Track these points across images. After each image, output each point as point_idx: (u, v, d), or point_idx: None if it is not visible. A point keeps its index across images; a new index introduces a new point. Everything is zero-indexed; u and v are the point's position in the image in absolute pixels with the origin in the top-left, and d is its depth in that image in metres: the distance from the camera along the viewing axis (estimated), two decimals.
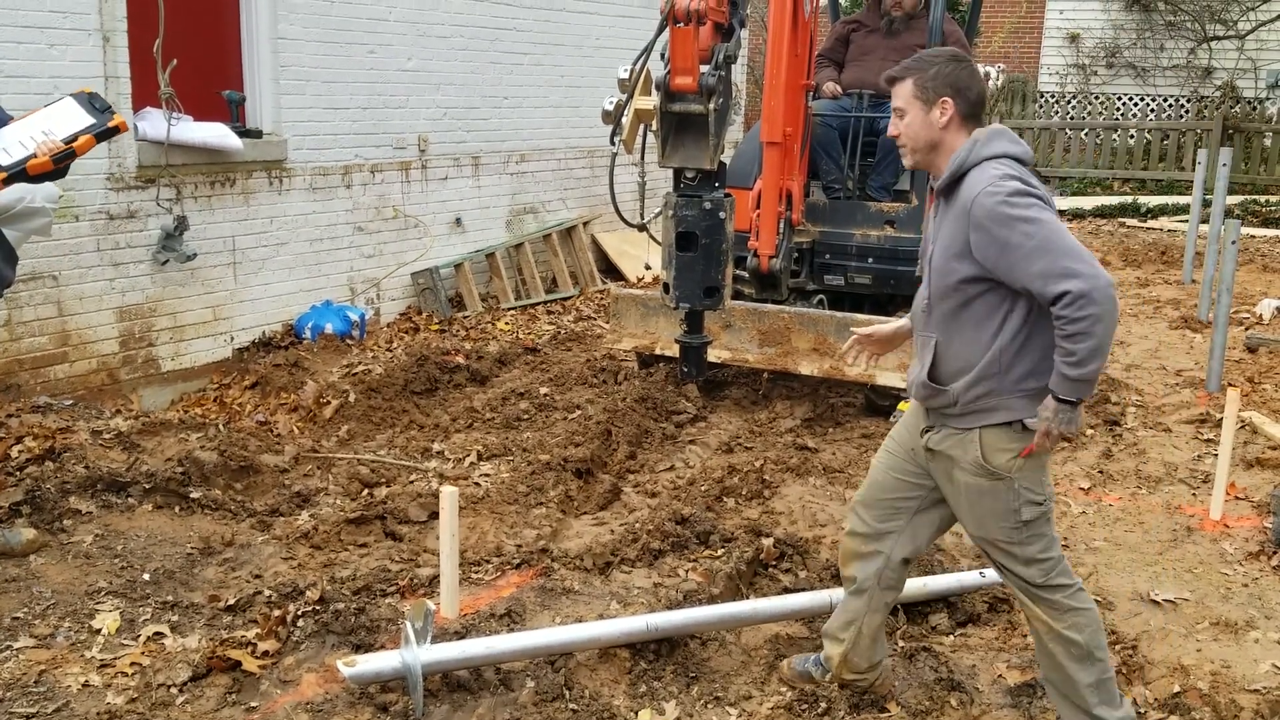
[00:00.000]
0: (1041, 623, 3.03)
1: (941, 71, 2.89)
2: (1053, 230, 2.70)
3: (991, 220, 2.73)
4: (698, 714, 3.35)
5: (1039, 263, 2.69)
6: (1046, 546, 3.00)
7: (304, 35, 7.17)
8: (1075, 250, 2.69)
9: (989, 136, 2.88)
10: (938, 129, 2.90)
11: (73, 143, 4.01)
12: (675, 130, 4.80)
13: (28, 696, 3.29)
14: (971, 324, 2.87)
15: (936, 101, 2.89)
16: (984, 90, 2.96)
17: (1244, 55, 15.99)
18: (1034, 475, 2.93)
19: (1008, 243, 2.72)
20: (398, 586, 4.00)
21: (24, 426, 5.14)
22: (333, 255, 7.64)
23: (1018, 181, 2.76)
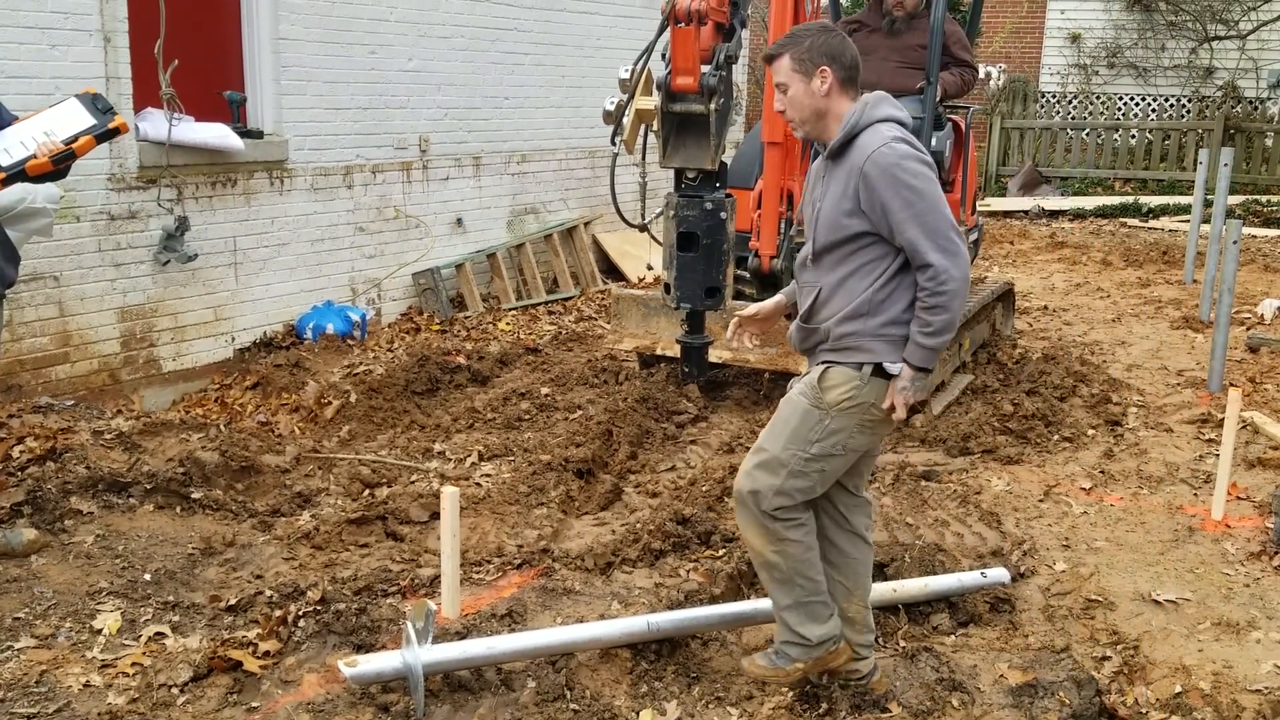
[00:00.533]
0: (754, 549, 3.20)
1: (815, 43, 3.02)
2: (933, 201, 2.89)
3: (882, 179, 2.91)
4: (699, 714, 3.35)
5: (914, 229, 2.89)
6: (803, 488, 3.11)
7: (305, 36, 7.17)
8: (948, 226, 2.89)
9: (876, 100, 3.05)
10: (820, 97, 3.04)
11: (72, 144, 4.01)
12: (676, 130, 4.81)
13: (29, 697, 3.29)
14: (851, 273, 3.04)
15: (815, 71, 3.02)
16: (856, 56, 3.08)
17: (1245, 55, 15.97)
18: (845, 424, 3.06)
19: (890, 204, 2.91)
20: (399, 587, 4.00)
21: (25, 427, 5.14)
22: (334, 256, 7.64)
23: (909, 146, 2.94)
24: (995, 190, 15.68)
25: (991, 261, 11.17)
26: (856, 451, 3.14)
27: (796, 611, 3.20)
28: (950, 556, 4.31)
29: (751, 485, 3.13)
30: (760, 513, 3.11)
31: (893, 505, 4.89)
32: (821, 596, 3.21)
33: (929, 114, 6.36)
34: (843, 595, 3.33)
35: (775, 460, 3.10)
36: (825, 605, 3.23)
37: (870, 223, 2.97)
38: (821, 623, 3.21)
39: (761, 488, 3.10)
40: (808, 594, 3.18)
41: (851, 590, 3.35)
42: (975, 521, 4.76)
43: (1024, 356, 7.13)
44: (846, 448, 3.08)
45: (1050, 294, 9.71)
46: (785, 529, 3.12)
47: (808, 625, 3.20)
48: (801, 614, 3.20)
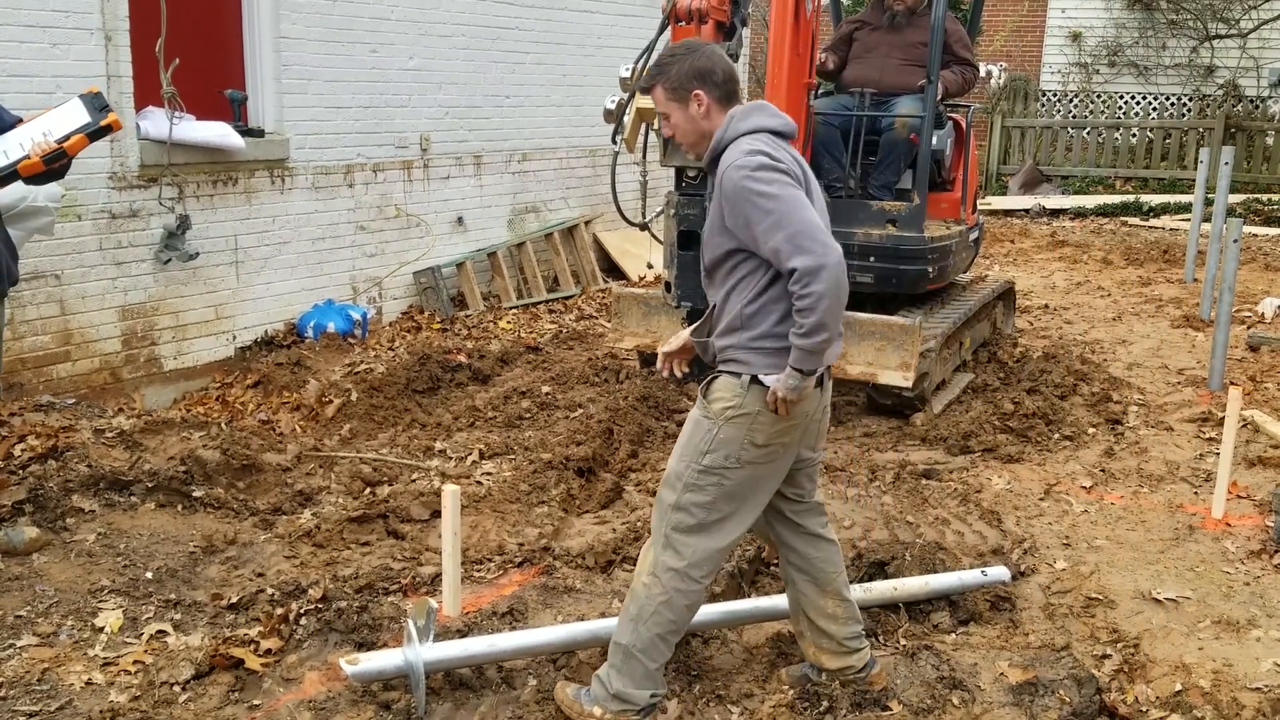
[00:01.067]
0: (640, 568, 3.13)
1: (683, 69, 3.00)
2: (790, 206, 2.84)
3: (737, 194, 2.89)
4: (699, 712, 3.35)
5: (774, 237, 2.84)
6: (700, 510, 3.03)
7: (306, 34, 7.17)
8: (808, 228, 2.83)
9: (745, 113, 3.00)
10: (700, 121, 3.03)
11: (64, 143, 4.02)
12: None
13: (31, 694, 3.30)
14: (733, 289, 3.03)
15: (689, 96, 3.00)
16: (729, 68, 3.04)
17: (1246, 54, 15.96)
18: (734, 434, 3.00)
19: (749, 216, 2.88)
20: (400, 585, 4.01)
21: (27, 425, 5.14)
22: (335, 254, 7.65)
23: (763, 156, 2.89)
24: (996, 189, 15.68)
25: (992, 260, 11.17)
26: (756, 464, 3.03)
27: (623, 655, 3.10)
28: (951, 555, 4.31)
29: (656, 504, 3.13)
30: (661, 535, 3.06)
31: (893, 504, 4.90)
32: (652, 666, 3.10)
33: (929, 112, 6.36)
34: (816, 595, 3.31)
35: (673, 474, 3.08)
36: (650, 679, 3.11)
37: (738, 240, 2.94)
38: (636, 687, 3.10)
39: (663, 505, 3.08)
40: (642, 651, 3.08)
41: (823, 588, 3.31)
42: (976, 520, 4.76)
43: (1025, 355, 7.14)
44: (741, 460, 3.00)
45: (1051, 293, 9.71)
46: (671, 562, 3.03)
47: (623, 678, 3.11)
48: (623, 660, 3.10)
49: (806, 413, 3.04)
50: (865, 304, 6.51)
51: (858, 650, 3.37)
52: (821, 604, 3.32)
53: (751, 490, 3.08)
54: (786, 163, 2.93)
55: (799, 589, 3.34)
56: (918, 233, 6.34)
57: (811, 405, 3.06)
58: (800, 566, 3.32)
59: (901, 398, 5.96)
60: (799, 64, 5.70)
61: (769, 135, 2.98)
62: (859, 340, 5.73)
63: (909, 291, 6.52)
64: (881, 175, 6.63)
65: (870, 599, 3.87)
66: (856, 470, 5.29)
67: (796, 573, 3.33)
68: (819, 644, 3.36)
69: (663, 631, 3.08)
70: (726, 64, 3.04)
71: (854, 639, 3.36)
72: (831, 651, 3.35)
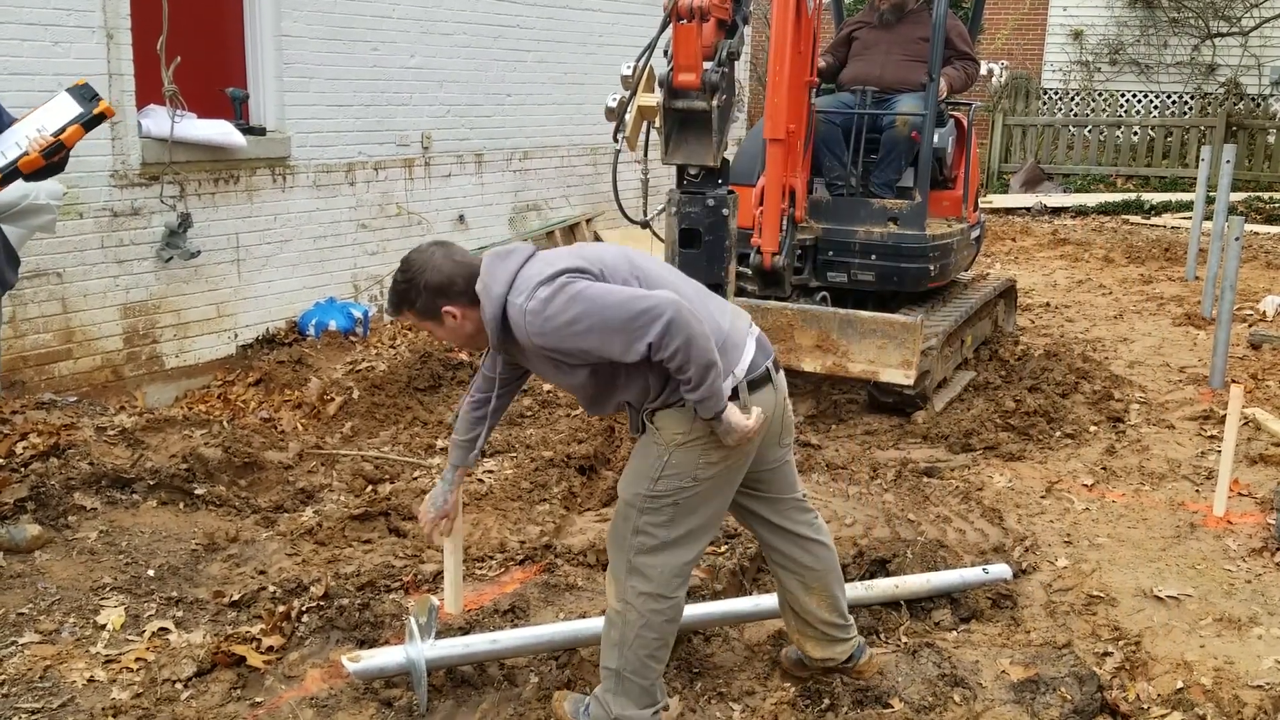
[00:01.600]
0: (610, 595, 3.05)
1: (419, 293, 2.83)
2: (598, 314, 2.66)
3: (550, 340, 2.72)
4: (701, 709, 3.35)
5: (609, 347, 2.69)
6: (661, 530, 2.94)
7: (307, 32, 7.17)
8: (627, 312, 2.65)
9: (489, 279, 2.79)
10: (465, 326, 2.87)
11: (60, 135, 4.02)
12: (679, 127, 4.80)
13: (33, 692, 3.30)
14: (620, 385, 2.88)
15: (441, 314, 2.85)
16: (462, 266, 2.83)
17: (1248, 52, 15.95)
18: (688, 458, 2.88)
19: (579, 346, 2.72)
20: (402, 582, 4.01)
21: (29, 423, 5.14)
22: (336, 252, 7.65)
23: (537, 298, 2.69)
24: (997, 187, 15.68)
25: (994, 258, 11.16)
26: (713, 478, 2.93)
27: (616, 679, 3.04)
28: (952, 553, 4.31)
29: (611, 533, 3.06)
30: (625, 562, 2.99)
31: (894, 501, 4.90)
32: (646, 683, 3.04)
33: (931, 110, 6.36)
34: (801, 593, 3.28)
35: (625, 502, 3.00)
36: (648, 694, 3.05)
37: (588, 359, 2.79)
38: (637, 706, 3.05)
39: (619, 533, 3.01)
40: (634, 672, 3.02)
41: (808, 586, 3.27)
42: (977, 518, 4.76)
43: (1026, 353, 7.13)
44: (698, 479, 2.90)
45: (1052, 291, 9.71)
46: (641, 586, 2.96)
47: (620, 699, 3.04)
48: (616, 683, 3.04)
49: (765, 416, 2.93)
50: (867, 302, 6.52)
51: (843, 640, 3.34)
52: (805, 601, 3.29)
53: (711, 501, 2.98)
54: (552, 269, 2.73)
55: (784, 585, 3.32)
56: (919, 231, 6.34)
57: (767, 408, 2.94)
58: (785, 566, 3.28)
59: (903, 396, 5.96)
60: (800, 62, 5.69)
61: (517, 275, 2.77)
62: (860, 338, 5.73)
63: (910, 289, 6.52)
64: (883, 173, 6.63)
65: (872, 596, 3.87)
66: (858, 468, 5.29)
67: (781, 571, 3.30)
68: (802, 631, 3.35)
69: (649, 651, 3.02)
70: (460, 266, 2.83)
71: (837, 629, 3.33)
72: (814, 639, 3.34)
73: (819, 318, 5.87)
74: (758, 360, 2.95)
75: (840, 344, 5.77)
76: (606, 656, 3.07)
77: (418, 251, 2.87)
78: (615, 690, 3.05)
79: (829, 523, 4.54)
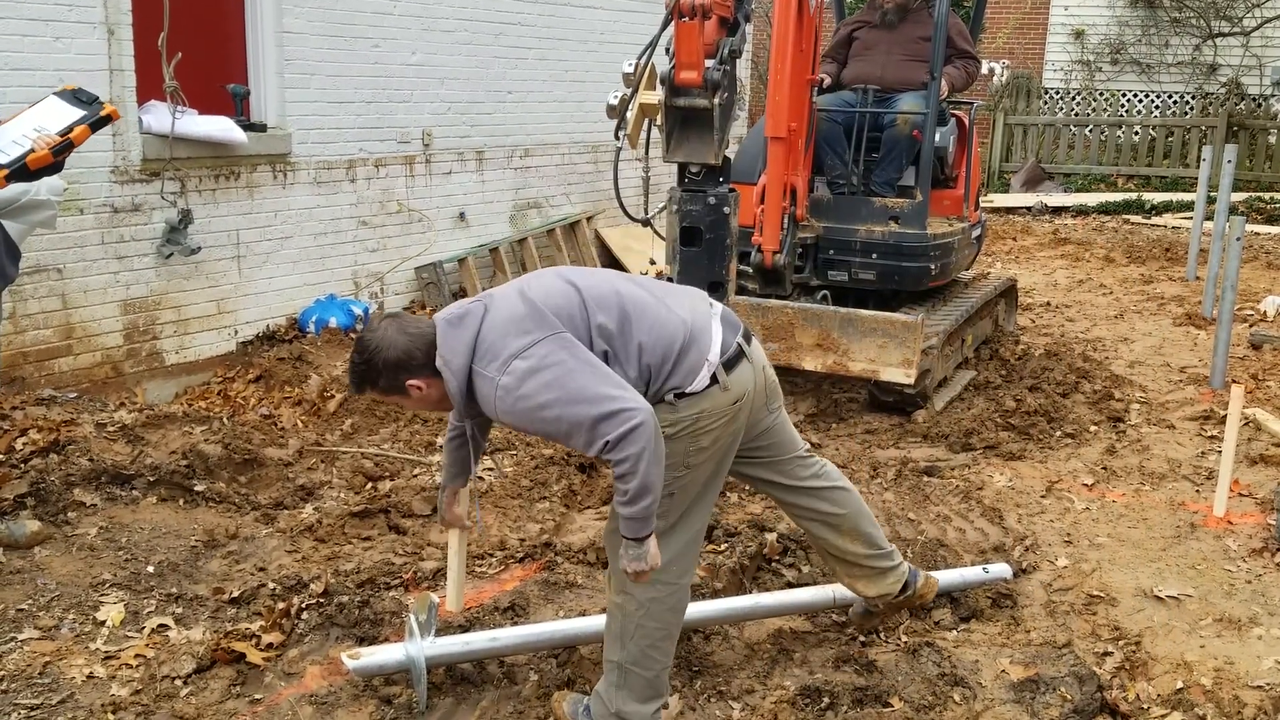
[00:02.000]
0: (610, 588, 3.08)
1: (375, 373, 2.82)
2: (570, 399, 2.63)
3: (519, 421, 2.73)
4: (700, 707, 3.35)
5: (577, 438, 2.68)
6: (659, 515, 2.88)
7: (309, 29, 7.16)
8: (598, 406, 2.62)
9: (448, 351, 2.76)
10: (430, 394, 2.86)
11: (68, 134, 4.02)
12: (680, 125, 4.79)
13: (32, 688, 3.30)
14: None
15: (406, 388, 2.83)
16: (417, 338, 2.81)
17: (1249, 52, 15.94)
18: (676, 450, 2.85)
19: (543, 428, 2.73)
20: (401, 580, 4.01)
21: (28, 419, 5.14)
22: (336, 249, 7.64)
23: (510, 368, 2.68)
24: (998, 186, 15.67)
25: (994, 258, 11.16)
26: (705, 462, 2.93)
27: (619, 672, 3.03)
28: (952, 552, 4.31)
29: (609, 525, 3.06)
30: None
31: (895, 501, 4.89)
32: (650, 675, 3.03)
33: (932, 109, 6.36)
34: (835, 538, 3.33)
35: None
36: (652, 687, 3.04)
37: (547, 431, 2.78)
38: (639, 701, 3.03)
39: (616, 534, 2.96)
40: (636, 664, 3.01)
41: (839, 529, 3.32)
42: (977, 517, 4.76)
43: (1026, 353, 7.13)
44: (689, 464, 2.91)
45: (1053, 290, 9.70)
46: (653, 592, 2.96)
47: (623, 693, 3.03)
48: (620, 676, 3.03)
49: (746, 392, 2.94)
50: (867, 300, 6.51)
51: (892, 570, 3.39)
52: (841, 544, 3.33)
53: (705, 484, 3.00)
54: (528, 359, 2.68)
55: (817, 536, 3.36)
56: (920, 230, 6.34)
57: (747, 383, 2.94)
58: (810, 518, 3.33)
59: (903, 395, 5.96)
60: (802, 60, 5.69)
61: (476, 340, 2.74)
62: (861, 337, 5.73)
63: (911, 288, 6.52)
64: (884, 172, 6.63)
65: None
66: (858, 467, 5.29)
67: (809, 524, 3.34)
68: (850, 573, 3.40)
69: (651, 641, 3.01)
70: (415, 339, 2.81)
71: (881, 559, 3.36)
72: (864, 578, 3.39)
73: (820, 316, 5.86)
74: (728, 339, 2.94)
75: (841, 343, 5.77)
76: (609, 649, 3.07)
77: (369, 331, 2.86)
78: (618, 684, 3.04)
79: None
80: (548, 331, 2.72)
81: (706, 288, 4.88)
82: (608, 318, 2.81)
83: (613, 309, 2.83)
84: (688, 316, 2.92)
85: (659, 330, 2.84)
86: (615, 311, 2.82)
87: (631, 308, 2.85)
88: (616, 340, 2.80)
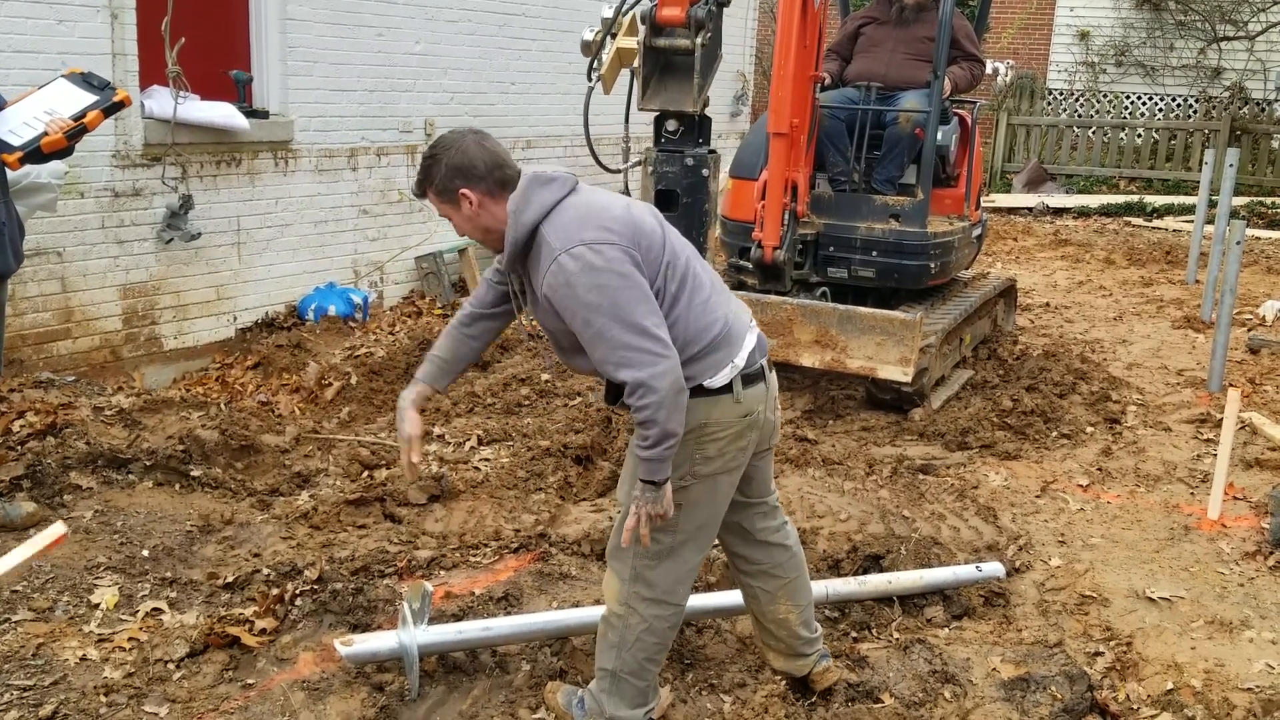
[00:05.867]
0: (609, 598, 3.03)
1: (440, 170, 2.77)
2: (613, 313, 2.63)
3: (562, 303, 2.70)
4: (692, 700, 3.36)
5: (598, 351, 2.68)
6: (665, 535, 2.90)
7: (312, 16, 7.16)
8: (634, 336, 2.63)
9: (523, 201, 2.74)
10: (479, 218, 2.81)
11: (81, 119, 4.02)
12: (660, 73, 4.49)
13: (25, 669, 3.31)
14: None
15: (457, 197, 2.78)
16: (491, 157, 2.77)
17: (1254, 56, 15.93)
18: (681, 454, 2.81)
19: (575, 326, 2.71)
20: (396, 568, 4.02)
21: (26, 401, 5.15)
22: (337, 237, 7.64)
23: (575, 251, 2.65)
24: (1000, 186, 15.66)
25: (994, 258, 11.16)
26: (712, 475, 2.90)
27: (611, 679, 3.04)
28: (946, 550, 4.32)
29: (614, 535, 3.01)
30: (628, 569, 2.96)
31: (890, 498, 4.90)
32: (642, 685, 3.04)
33: (935, 107, 6.35)
34: (765, 600, 3.24)
35: (626, 506, 2.90)
36: (642, 694, 3.05)
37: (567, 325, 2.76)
38: (630, 707, 3.05)
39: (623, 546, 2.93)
40: (631, 674, 3.02)
41: (774, 594, 3.23)
42: (972, 516, 4.77)
43: (1024, 353, 7.14)
44: (696, 474, 2.87)
45: (1052, 291, 9.71)
46: (645, 593, 2.95)
47: (614, 700, 3.04)
48: (612, 684, 3.04)
49: (756, 413, 2.91)
50: (867, 298, 6.52)
51: (806, 656, 3.31)
52: (771, 611, 3.25)
53: (710, 502, 2.95)
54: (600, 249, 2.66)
55: (748, 591, 3.28)
56: (921, 228, 6.34)
57: (758, 404, 2.92)
58: (747, 571, 3.24)
59: (900, 393, 5.96)
60: (806, 56, 5.69)
61: (561, 206, 2.74)
62: (859, 334, 5.73)
63: (910, 286, 6.52)
64: (886, 170, 6.62)
65: (865, 592, 3.88)
66: (854, 464, 5.29)
67: (745, 576, 3.26)
68: (766, 641, 3.34)
69: (648, 654, 3.02)
70: (487, 153, 2.77)
71: (802, 643, 3.29)
72: (779, 652, 3.33)
73: (818, 313, 5.87)
74: (755, 356, 2.94)
75: (839, 340, 5.77)
76: (603, 658, 3.06)
77: (451, 132, 2.83)
78: (610, 691, 3.05)
79: (823, 518, 4.57)
80: (625, 242, 2.70)
81: None
82: (674, 271, 2.81)
83: (680, 266, 2.83)
84: (730, 316, 2.92)
85: (704, 311, 2.83)
86: (681, 270, 2.82)
87: (692, 278, 2.84)
88: (669, 293, 2.79)
